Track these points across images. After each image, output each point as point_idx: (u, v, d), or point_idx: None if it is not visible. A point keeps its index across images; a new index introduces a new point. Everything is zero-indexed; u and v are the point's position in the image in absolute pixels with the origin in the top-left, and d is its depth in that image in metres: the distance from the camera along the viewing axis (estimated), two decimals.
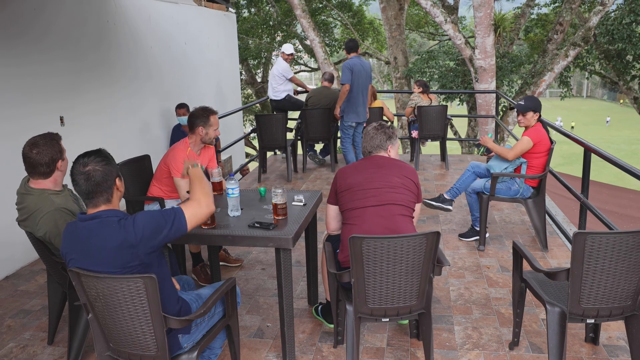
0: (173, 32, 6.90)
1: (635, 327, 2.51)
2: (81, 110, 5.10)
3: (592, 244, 2.29)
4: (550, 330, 2.51)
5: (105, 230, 2.04)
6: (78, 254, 2.08)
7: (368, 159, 2.90)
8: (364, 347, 3.02)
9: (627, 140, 34.03)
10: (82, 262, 2.07)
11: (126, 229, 2.03)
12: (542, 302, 2.57)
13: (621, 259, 2.32)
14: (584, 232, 2.29)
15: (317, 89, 7.21)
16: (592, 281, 2.36)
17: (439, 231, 2.44)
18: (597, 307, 2.43)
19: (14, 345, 3.13)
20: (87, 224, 2.08)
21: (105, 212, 2.09)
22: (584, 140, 3.96)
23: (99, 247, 2.03)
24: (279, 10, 16.93)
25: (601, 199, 8.61)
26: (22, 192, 2.74)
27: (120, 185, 2.20)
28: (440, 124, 6.87)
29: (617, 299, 2.41)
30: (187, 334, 2.29)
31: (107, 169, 2.10)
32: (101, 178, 2.08)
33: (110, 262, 2.03)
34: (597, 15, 9.43)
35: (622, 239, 2.28)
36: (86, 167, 2.07)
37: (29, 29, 4.46)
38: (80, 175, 2.07)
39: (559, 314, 2.50)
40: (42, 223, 2.64)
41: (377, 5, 13.78)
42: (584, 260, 2.32)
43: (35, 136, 2.72)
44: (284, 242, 2.68)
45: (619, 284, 2.37)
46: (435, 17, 9.26)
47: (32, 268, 4.28)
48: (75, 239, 2.10)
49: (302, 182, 6.65)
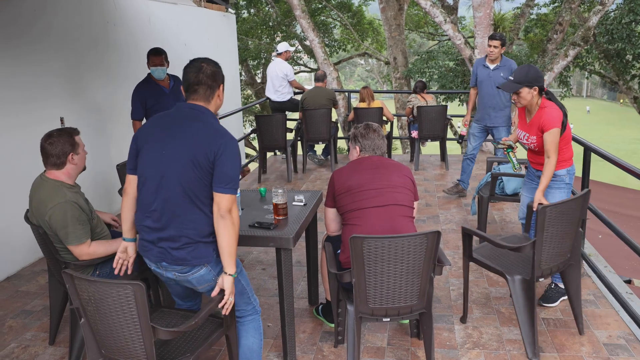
0: (172, 33, 6.90)
1: (570, 275, 3.09)
2: (81, 110, 5.10)
3: (551, 214, 2.81)
4: (516, 297, 2.91)
5: (203, 123, 2.21)
6: (161, 127, 2.24)
7: (363, 159, 2.86)
8: (365, 346, 3.03)
9: (627, 139, 34.02)
10: (160, 133, 2.22)
11: (219, 137, 2.18)
12: (501, 274, 2.97)
13: (565, 223, 2.90)
14: (549, 205, 2.82)
15: (311, 90, 7.20)
16: (549, 248, 2.88)
17: (439, 231, 2.44)
18: (549, 266, 2.95)
19: (16, 346, 3.14)
20: (186, 110, 2.24)
21: (204, 109, 2.26)
22: (583, 140, 3.96)
23: (187, 131, 2.19)
24: (279, 10, 16.93)
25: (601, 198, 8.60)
26: (38, 181, 2.81)
27: (221, 94, 2.33)
28: (440, 124, 6.88)
29: (562, 255, 2.98)
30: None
31: (217, 70, 2.29)
32: (210, 75, 2.26)
33: (185, 149, 2.16)
34: (597, 15, 9.43)
35: (569, 205, 2.90)
36: (201, 62, 2.26)
37: (29, 29, 4.46)
38: (192, 67, 2.25)
39: (520, 280, 2.90)
40: (51, 211, 2.67)
41: (376, 5, 13.78)
42: (544, 229, 2.80)
43: (54, 129, 2.83)
44: (284, 242, 2.69)
45: (565, 244, 2.97)
46: (434, 17, 9.25)
47: (33, 269, 4.28)
48: (163, 117, 2.27)
49: (302, 183, 6.66)
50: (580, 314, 3.11)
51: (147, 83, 4.52)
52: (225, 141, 2.20)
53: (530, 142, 3.39)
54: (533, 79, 3.20)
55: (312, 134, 6.89)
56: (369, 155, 2.87)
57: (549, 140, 3.21)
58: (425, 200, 5.70)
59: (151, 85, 4.50)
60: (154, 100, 4.44)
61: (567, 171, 3.40)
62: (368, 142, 2.86)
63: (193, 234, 2.23)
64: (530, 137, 3.36)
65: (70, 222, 2.64)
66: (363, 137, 2.87)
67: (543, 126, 3.23)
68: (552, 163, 3.23)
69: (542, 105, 3.27)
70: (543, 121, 3.23)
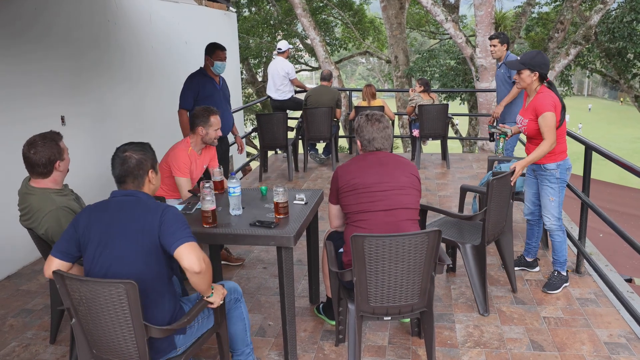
0: (174, 32, 6.90)
1: (505, 241, 3.56)
2: (82, 109, 5.11)
3: (495, 186, 3.27)
4: (468, 262, 3.33)
5: (138, 208, 2.15)
6: (102, 225, 2.13)
7: (368, 156, 2.77)
8: (366, 345, 3.03)
9: (628, 138, 33.97)
10: (103, 234, 2.12)
11: (156, 211, 2.13)
12: (454, 243, 3.41)
13: (504, 195, 3.40)
14: (494, 178, 3.28)
15: (316, 88, 7.20)
16: (493, 216, 3.34)
17: (440, 230, 2.44)
18: (493, 232, 3.41)
19: (16, 345, 3.14)
20: (120, 198, 2.19)
21: (139, 192, 2.21)
22: (585, 139, 3.95)
23: (128, 221, 2.12)
24: (280, 9, 16.92)
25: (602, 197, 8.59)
26: (24, 192, 2.74)
27: (153, 178, 2.29)
28: (441, 122, 6.87)
29: (500, 223, 3.47)
30: (183, 334, 2.27)
31: (142, 158, 2.25)
32: (135, 165, 2.22)
33: (133, 239, 2.09)
34: (598, 14, 9.42)
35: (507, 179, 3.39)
36: (125, 153, 2.23)
37: (30, 28, 4.46)
38: (117, 158, 2.23)
39: (471, 247, 3.35)
40: (44, 222, 2.65)
41: (377, 4, 13.77)
42: (491, 202, 3.25)
43: (36, 135, 2.70)
44: (285, 241, 2.68)
45: (503, 213, 3.47)
46: (436, 16, 9.25)
47: (33, 267, 4.28)
48: (102, 210, 2.18)
49: (303, 181, 6.66)
50: (513, 274, 3.60)
51: (203, 75, 4.53)
52: (158, 207, 2.17)
53: (522, 125, 3.47)
54: (537, 64, 3.31)
55: (313, 132, 6.89)
56: (375, 150, 2.76)
57: (543, 124, 3.28)
58: (426, 199, 5.70)
59: (207, 79, 4.53)
60: (207, 92, 4.46)
61: (557, 165, 3.43)
62: (373, 134, 2.73)
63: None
64: (524, 120, 3.44)
65: (64, 228, 2.58)
66: (366, 129, 2.74)
67: (537, 110, 3.31)
68: (546, 144, 3.28)
69: (540, 91, 3.36)
70: (537, 105, 3.31)
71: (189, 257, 2.05)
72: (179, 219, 2.15)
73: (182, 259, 2.06)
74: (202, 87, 4.45)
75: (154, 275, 2.14)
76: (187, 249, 2.07)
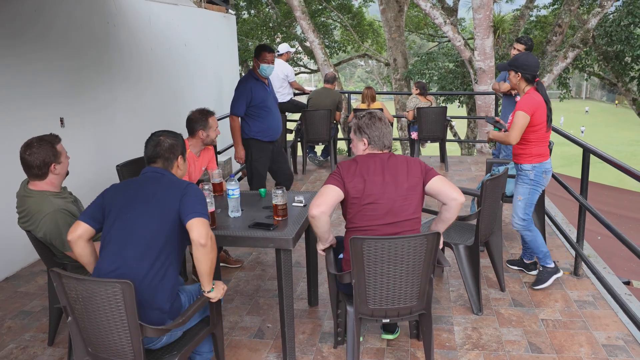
0: (173, 34, 6.91)
1: (494, 241, 3.62)
2: (81, 111, 5.10)
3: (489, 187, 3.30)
4: (462, 263, 3.39)
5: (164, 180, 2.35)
6: (128, 193, 2.31)
7: (370, 158, 2.62)
8: (364, 347, 3.03)
9: (626, 141, 34.05)
10: (127, 199, 2.29)
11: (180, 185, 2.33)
12: (447, 244, 3.45)
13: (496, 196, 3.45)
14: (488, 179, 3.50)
15: (318, 90, 7.22)
16: (486, 216, 3.39)
17: (439, 232, 2.44)
18: (485, 233, 3.45)
19: (14, 347, 3.14)
20: (149, 174, 2.38)
21: (167, 171, 2.42)
22: (582, 141, 3.96)
23: (152, 190, 2.30)
24: (279, 11, 16.95)
25: (600, 200, 8.62)
26: (22, 194, 2.74)
27: (182, 165, 2.51)
28: (440, 125, 6.88)
29: (492, 224, 3.53)
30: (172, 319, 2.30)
31: (175, 143, 2.46)
32: (167, 148, 2.43)
33: (154, 202, 2.26)
34: (596, 17, 9.44)
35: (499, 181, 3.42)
36: (159, 136, 2.44)
37: (29, 29, 4.47)
38: (151, 141, 2.44)
39: (464, 248, 3.40)
40: (42, 224, 2.64)
41: (376, 7, 13.80)
42: (485, 202, 3.31)
43: (34, 137, 2.71)
44: (284, 243, 2.69)
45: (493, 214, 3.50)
46: (434, 19, 9.27)
47: (32, 269, 4.28)
48: (130, 183, 2.37)
49: (302, 184, 6.66)
50: (501, 272, 3.67)
51: (255, 80, 4.44)
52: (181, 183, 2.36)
53: (509, 124, 3.60)
54: (519, 64, 3.41)
55: (312, 135, 6.90)
56: (377, 151, 2.64)
57: (513, 120, 3.41)
58: (424, 201, 5.69)
59: (258, 83, 4.45)
60: (259, 98, 4.42)
61: (532, 167, 3.50)
62: (376, 132, 2.61)
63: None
64: (510, 119, 3.56)
65: (63, 230, 2.60)
66: (369, 127, 2.61)
67: (517, 106, 3.41)
68: (507, 137, 3.42)
69: (527, 92, 3.44)
70: (517, 105, 3.40)
71: (199, 229, 2.19)
72: (200, 196, 2.32)
73: (192, 230, 2.20)
74: (254, 94, 4.39)
75: (165, 240, 2.25)
76: (199, 222, 2.21)
